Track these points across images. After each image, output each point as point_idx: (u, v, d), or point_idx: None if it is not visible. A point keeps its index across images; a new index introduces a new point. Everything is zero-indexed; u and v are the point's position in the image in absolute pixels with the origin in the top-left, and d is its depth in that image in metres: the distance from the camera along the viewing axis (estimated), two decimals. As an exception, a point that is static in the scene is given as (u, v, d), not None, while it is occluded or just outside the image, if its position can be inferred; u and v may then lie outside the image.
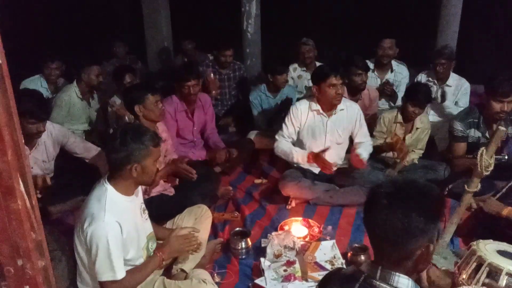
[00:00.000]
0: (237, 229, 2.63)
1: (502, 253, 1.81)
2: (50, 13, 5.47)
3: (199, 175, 2.99)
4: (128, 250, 1.85)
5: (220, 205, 3.08)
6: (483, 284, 1.67)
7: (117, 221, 1.76)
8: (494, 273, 1.69)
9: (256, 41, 5.36)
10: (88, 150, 2.95)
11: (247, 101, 4.09)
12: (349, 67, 3.46)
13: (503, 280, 1.69)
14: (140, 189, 2.02)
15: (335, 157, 3.15)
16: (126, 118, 3.06)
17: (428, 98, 3.24)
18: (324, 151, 2.91)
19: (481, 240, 1.91)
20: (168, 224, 2.42)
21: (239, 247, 2.48)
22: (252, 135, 3.88)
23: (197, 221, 2.40)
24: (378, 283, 1.18)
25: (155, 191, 2.68)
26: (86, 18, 5.85)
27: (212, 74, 4.02)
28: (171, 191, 2.79)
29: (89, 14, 5.91)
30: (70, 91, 3.62)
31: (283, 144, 3.11)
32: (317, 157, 2.92)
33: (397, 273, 1.18)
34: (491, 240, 1.95)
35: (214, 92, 3.97)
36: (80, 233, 1.78)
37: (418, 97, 3.16)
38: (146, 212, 2.06)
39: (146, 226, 2.04)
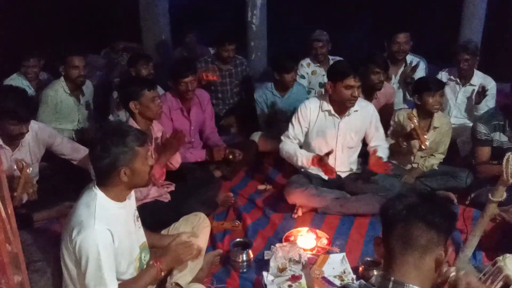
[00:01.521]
0: (238, 239, 2.62)
1: None
2: (41, 4, 5.50)
3: (197, 179, 3.01)
4: (119, 261, 1.85)
5: (219, 213, 3.08)
6: None
7: (108, 229, 1.77)
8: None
9: (262, 34, 5.36)
10: (76, 151, 2.96)
11: (251, 99, 4.08)
12: (367, 64, 3.46)
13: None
14: (133, 194, 2.02)
15: (346, 162, 3.15)
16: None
17: (440, 83, 3.26)
18: (328, 154, 2.90)
19: (508, 255, 1.88)
20: (164, 233, 2.42)
21: (240, 260, 2.47)
22: (256, 136, 3.88)
23: (194, 230, 2.40)
24: None
25: (149, 197, 2.69)
26: (79, 9, 5.88)
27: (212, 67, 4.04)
28: (166, 197, 2.80)
29: (83, 5, 5.94)
30: (57, 87, 3.63)
31: (288, 145, 3.11)
32: (321, 160, 2.91)
33: (411, 285, 1.22)
34: None
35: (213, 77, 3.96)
36: (68, 242, 1.78)
37: (431, 85, 3.16)
38: (140, 219, 2.06)
39: (139, 235, 2.04)
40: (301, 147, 3.18)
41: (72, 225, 1.78)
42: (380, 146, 3.13)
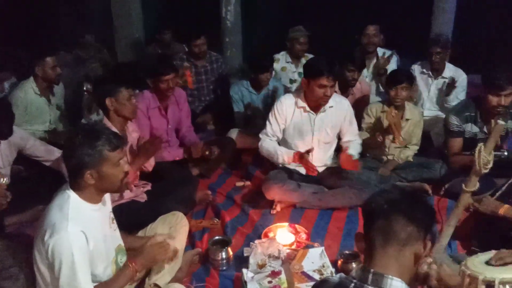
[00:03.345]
0: (217, 237, 2.60)
1: (491, 262, 1.83)
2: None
3: (174, 178, 2.97)
4: (95, 264, 1.81)
5: (198, 212, 3.05)
6: None
7: (82, 231, 1.72)
8: (491, 286, 1.70)
9: (236, 30, 5.33)
10: (50, 153, 2.91)
11: (227, 96, 4.06)
12: (344, 62, 3.49)
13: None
14: (108, 196, 1.98)
15: (323, 157, 3.16)
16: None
17: (408, 76, 3.31)
18: (309, 151, 2.91)
19: (467, 258, 1.93)
20: (140, 234, 2.38)
21: (219, 258, 2.45)
22: (233, 133, 3.86)
23: (172, 230, 2.37)
24: (370, 287, 1.23)
25: (125, 198, 2.64)
26: (49, 7, 5.73)
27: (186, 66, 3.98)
28: (143, 197, 2.75)
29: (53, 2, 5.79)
30: (26, 88, 3.54)
31: (267, 143, 3.10)
32: (301, 157, 2.91)
33: (390, 276, 1.24)
34: (478, 254, 1.97)
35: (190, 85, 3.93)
36: (41, 246, 1.73)
37: (395, 78, 3.24)
38: (115, 221, 2.02)
39: (115, 238, 2.00)
40: (279, 143, 3.17)
41: (44, 228, 1.73)
42: (353, 142, 3.16)
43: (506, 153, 2.84)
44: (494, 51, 4.67)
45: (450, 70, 3.86)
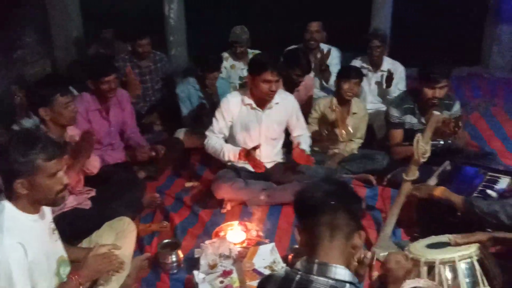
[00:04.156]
0: (166, 240, 2.55)
1: (432, 246, 1.93)
2: None
3: (120, 182, 2.88)
4: (35, 277, 1.71)
5: (146, 215, 2.98)
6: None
7: (19, 242, 1.63)
8: (432, 269, 1.79)
9: (180, 28, 5.27)
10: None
11: (173, 95, 3.98)
12: (291, 64, 3.51)
13: (443, 270, 1.79)
14: (47, 205, 1.89)
15: (270, 153, 3.18)
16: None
17: (359, 72, 3.44)
18: (255, 148, 2.92)
19: (410, 244, 2.02)
20: (85, 243, 2.29)
21: (169, 261, 2.41)
22: (181, 133, 3.80)
23: (119, 236, 2.30)
24: (315, 277, 1.25)
25: (67, 206, 2.52)
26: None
27: (131, 73, 3.85)
28: (87, 204, 2.64)
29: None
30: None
31: (213, 140, 3.08)
32: (248, 155, 2.91)
33: (334, 264, 1.27)
34: (420, 239, 2.08)
35: (134, 93, 3.82)
36: (-25, 261, 1.62)
37: (349, 72, 3.34)
38: (56, 232, 1.93)
39: (57, 249, 1.91)
40: (226, 141, 3.15)
41: (-23, 241, 1.62)
42: (303, 136, 3.19)
43: (442, 142, 2.99)
44: (429, 46, 4.89)
45: (388, 64, 4.01)
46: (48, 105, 2.44)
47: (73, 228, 2.33)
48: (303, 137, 3.18)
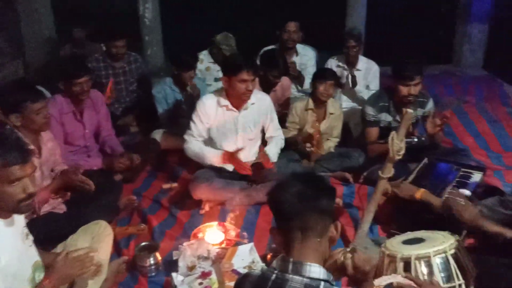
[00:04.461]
0: (144, 243, 2.52)
1: (408, 242, 1.97)
2: None
3: (96, 185, 2.83)
4: (9, 283, 1.66)
5: (123, 218, 2.94)
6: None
7: None
8: (408, 264, 1.82)
9: (156, 28, 5.21)
10: None
11: (149, 96, 3.94)
12: (268, 65, 3.52)
13: (419, 266, 1.82)
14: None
15: (249, 154, 3.17)
16: None
17: (334, 74, 3.50)
18: (238, 151, 2.91)
19: (386, 240, 2.05)
20: (59, 248, 2.23)
21: (147, 264, 2.38)
22: (157, 134, 3.76)
23: (95, 240, 2.25)
24: (291, 276, 1.26)
25: (41, 211, 2.47)
26: None
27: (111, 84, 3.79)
28: (61, 208, 2.59)
29: None
30: None
31: (194, 145, 3.05)
32: (232, 158, 2.90)
33: (309, 263, 1.27)
34: (396, 236, 2.11)
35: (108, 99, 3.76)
36: None
37: (324, 74, 3.38)
38: (30, 237, 1.88)
39: (31, 254, 1.85)
40: (205, 143, 3.13)
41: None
42: (275, 137, 3.21)
43: (416, 139, 3.04)
44: (403, 45, 4.98)
45: (363, 63, 4.05)
46: (19, 111, 2.37)
47: (47, 233, 2.28)
48: (275, 139, 3.20)
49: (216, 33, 4.17)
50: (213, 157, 2.98)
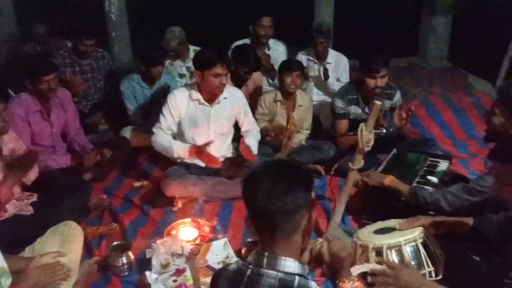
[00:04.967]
0: (115, 243, 2.47)
1: (379, 231, 2.00)
2: None
3: (64, 186, 2.76)
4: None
5: (94, 218, 2.88)
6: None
7: None
8: (380, 253, 1.85)
9: (122, 24, 5.10)
10: None
11: (117, 93, 3.85)
12: (240, 61, 3.49)
13: (390, 255, 1.86)
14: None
15: (221, 148, 3.15)
16: None
17: (300, 65, 3.48)
18: (207, 144, 2.88)
19: (358, 230, 2.08)
20: (27, 251, 2.17)
21: (119, 264, 2.34)
22: (127, 131, 3.69)
23: (65, 241, 2.19)
24: (265, 271, 1.25)
25: (6, 214, 2.38)
26: None
27: (67, 73, 3.67)
28: (28, 210, 2.50)
29: None
30: None
31: (162, 137, 3.01)
32: (199, 151, 2.87)
33: (283, 257, 1.25)
34: (367, 225, 2.15)
35: (78, 91, 3.66)
36: None
37: (290, 66, 3.37)
38: (-5, 241, 1.81)
39: (-4, 259, 1.79)
40: (174, 137, 3.09)
41: None
42: (252, 130, 3.20)
43: (384, 131, 3.09)
44: (370, 37, 5.04)
45: (333, 56, 4.08)
46: None
47: (13, 237, 2.22)
48: (251, 132, 3.18)
49: (184, 27, 4.11)
50: (180, 150, 2.95)
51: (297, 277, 1.24)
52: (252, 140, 3.09)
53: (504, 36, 4.87)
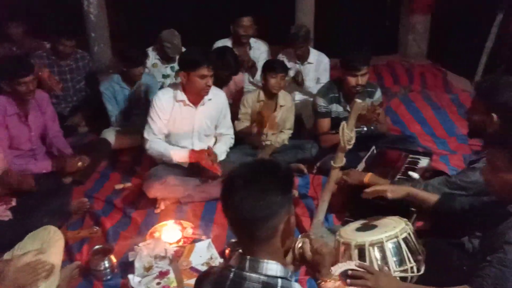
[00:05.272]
0: (97, 246, 2.44)
1: (361, 229, 2.02)
2: None
3: (43, 189, 2.71)
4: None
5: (75, 222, 2.83)
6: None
7: None
8: (362, 250, 1.86)
9: (102, 24, 5.03)
10: None
11: (97, 94, 3.79)
12: (220, 64, 3.45)
13: (373, 252, 1.87)
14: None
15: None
16: None
17: (285, 66, 3.49)
18: (206, 151, 2.91)
19: (341, 228, 2.09)
20: (6, 257, 2.11)
21: (102, 268, 2.31)
22: (108, 134, 3.63)
23: (45, 246, 2.14)
24: (248, 274, 1.22)
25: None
26: None
27: (46, 70, 3.59)
28: (7, 215, 2.45)
29: None
30: None
31: (156, 144, 2.98)
32: (201, 156, 2.87)
33: (265, 260, 1.23)
34: (350, 223, 2.16)
35: (56, 92, 3.59)
36: None
37: (275, 67, 3.37)
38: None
39: (-26, 265, 1.75)
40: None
41: None
42: (225, 135, 3.22)
43: (365, 129, 3.11)
44: (350, 35, 5.07)
45: (314, 55, 4.10)
46: None
47: (-8, 242, 2.17)
48: (224, 138, 3.20)
49: (166, 27, 4.07)
50: (179, 155, 2.93)
51: (280, 280, 1.23)
52: (222, 146, 3.10)
53: (482, 34, 4.96)
